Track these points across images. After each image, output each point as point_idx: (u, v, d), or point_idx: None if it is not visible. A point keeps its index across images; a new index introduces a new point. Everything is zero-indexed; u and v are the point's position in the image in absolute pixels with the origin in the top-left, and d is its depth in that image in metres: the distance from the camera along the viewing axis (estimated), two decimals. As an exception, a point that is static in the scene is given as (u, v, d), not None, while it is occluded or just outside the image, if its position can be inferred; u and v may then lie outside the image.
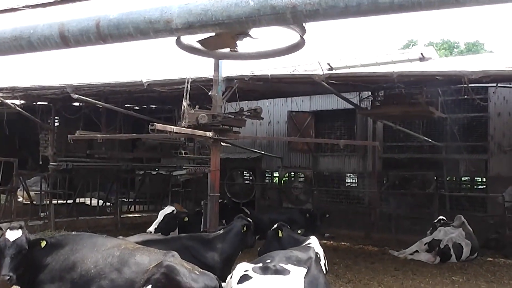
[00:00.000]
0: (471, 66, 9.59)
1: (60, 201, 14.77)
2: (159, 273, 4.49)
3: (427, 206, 14.28)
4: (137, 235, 6.90)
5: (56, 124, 15.52)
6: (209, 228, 8.54)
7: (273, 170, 17.99)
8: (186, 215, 10.32)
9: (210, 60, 9.29)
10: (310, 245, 5.63)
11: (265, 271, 4.29)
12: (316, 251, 5.34)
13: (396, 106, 11.10)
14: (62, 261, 4.81)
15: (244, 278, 4.27)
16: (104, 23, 2.83)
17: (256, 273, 4.27)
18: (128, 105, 15.70)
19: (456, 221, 11.28)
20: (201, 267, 5.03)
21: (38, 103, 14.57)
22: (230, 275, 4.64)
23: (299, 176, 17.21)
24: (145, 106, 16.88)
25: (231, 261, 6.52)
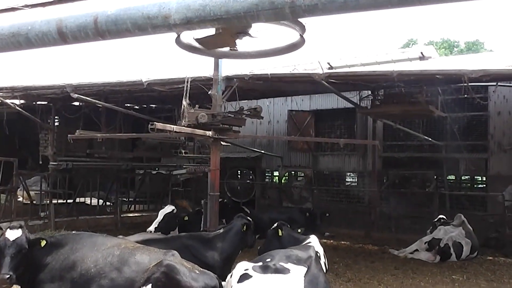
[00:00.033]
0: (471, 65, 9.57)
1: (60, 201, 14.77)
2: (159, 272, 4.48)
3: (427, 205, 14.27)
4: (137, 235, 6.91)
5: (56, 124, 15.53)
6: (209, 227, 8.55)
7: (273, 170, 17.99)
8: (186, 214, 10.33)
9: (210, 60, 9.28)
10: (310, 244, 5.62)
11: (265, 270, 4.28)
12: (316, 250, 5.32)
13: (396, 105, 11.11)
14: (62, 261, 4.80)
15: (244, 277, 4.26)
16: (102, 19, 2.81)
17: (256, 272, 4.27)
18: (128, 105, 15.70)
19: (456, 220, 11.27)
20: (201, 266, 5.02)
21: (38, 103, 14.57)
22: (230, 274, 4.63)
23: (299, 176, 17.20)
24: (145, 106, 16.90)
25: (231, 260, 6.51)
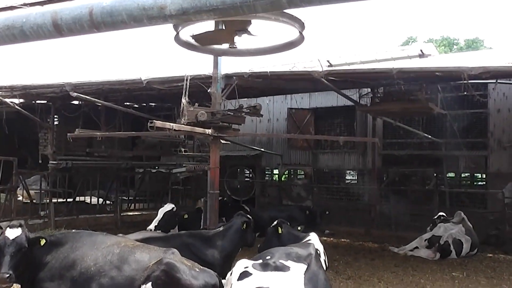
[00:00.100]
0: (471, 63, 9.56)
1: (60, 200, 14.76)
2: (159, 270, 4.49)
3: (427, 203, 14.27)
4: (137, 233, 6.91)
5: (56, 123, 15.50)
6: (209, 226, 8.56)
7: (273, 168, 17.99)
8: (186, 213, 10.33)
9: (209, 58, 9.27)
10: (310, 242, 5.61)
11: (265, 268, 4.28)
12: (316, 248, 5.32)
13: (396, 103, 11.10)
14: (62, 259, 4.80)
15: (244, 275, 4.26)
16: (97, 11, 2.76)
17: (256, 270, 4.27)
18: (128, 103, 15.70)
19: (456, 218, 11.28)
20: (201, 264, 5.03)
21: (37, 102, 14.52)
22: (230, 272, 4.63)
23: (299, 174, 17.20)
24: (145, 104, 16.89)
25: (231, 258, 6.53)
